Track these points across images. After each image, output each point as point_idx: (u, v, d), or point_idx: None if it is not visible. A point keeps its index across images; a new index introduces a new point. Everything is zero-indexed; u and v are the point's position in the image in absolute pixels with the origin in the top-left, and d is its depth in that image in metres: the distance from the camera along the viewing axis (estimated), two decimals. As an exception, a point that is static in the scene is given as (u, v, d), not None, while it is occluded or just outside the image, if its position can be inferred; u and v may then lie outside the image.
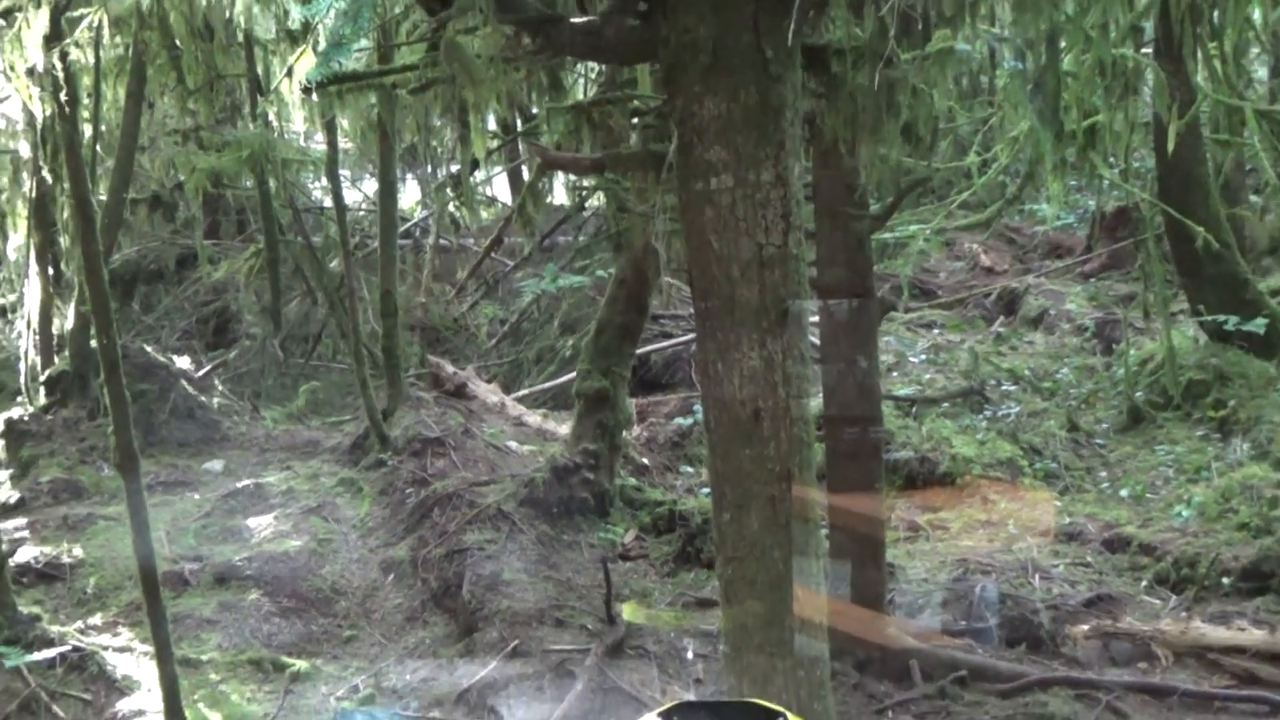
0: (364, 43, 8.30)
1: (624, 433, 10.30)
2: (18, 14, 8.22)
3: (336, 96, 8.02)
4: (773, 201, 5.90)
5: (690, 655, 8.41)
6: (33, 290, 11.34)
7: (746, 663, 6.16)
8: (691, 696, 7.82)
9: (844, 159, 7.54)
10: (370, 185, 12.96)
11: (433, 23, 6.94)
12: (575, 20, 6.67)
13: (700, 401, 7.34)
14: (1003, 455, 10.35)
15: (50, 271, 11.25)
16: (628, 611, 8.81)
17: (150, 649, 8.07)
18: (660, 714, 2.07)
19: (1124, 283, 13.23)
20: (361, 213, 13.85)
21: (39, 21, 8.02)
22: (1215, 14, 7.21)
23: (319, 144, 12.07)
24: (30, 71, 8.16)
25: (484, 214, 13.92)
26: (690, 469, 10.71)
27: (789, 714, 2.08)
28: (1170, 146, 8.67)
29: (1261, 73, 10.26)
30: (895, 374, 11.87)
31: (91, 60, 9.62)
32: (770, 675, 6.08)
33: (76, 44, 8.60)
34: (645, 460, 10.63)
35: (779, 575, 6.06)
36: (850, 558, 8.21)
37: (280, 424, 12.10)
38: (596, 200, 12.11)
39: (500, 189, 14.58)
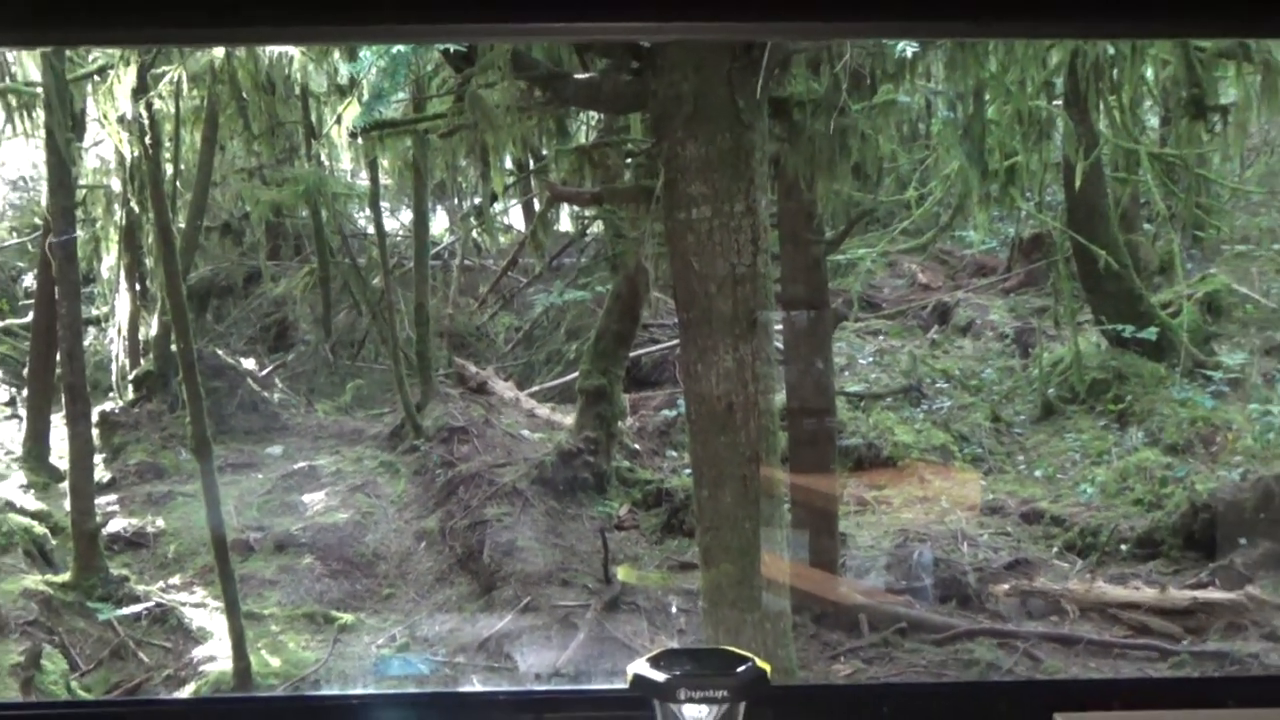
0: (400, 95, 8.29)
1: (619, 423, 10.29)
2: (110, 71, 8.21)
3: (378, 140, 8.02)
4: (744, 229, 5.90)
5: (674, 610, 8.41)
6: (122, 303, 11.32)
7: (721, 616, 6.16)
8: (675, 645, 7.81)
9: (804, 193, 7.54)
10: (406, 215, 12.91)
11: (459, 78, 6.94)
12: (578, 76, 6.68)
13: (683, 396, 7.34)
14: (936, 442, 10.35)
15: (137, 287, 11.24)
16: (622, 573, 8.80)
17: (221, 605, 8.07)
18: (649, 659, 2.05)
19: (1038, 297, 13.20)
20: (399, 238, 13.79)
21: (128, 77, 8.02)
22: (1115, 72, 7.22)
23: (363, 180, 12.03)
24: (121, 119, 8.15)
25: (502, 239, 13.87)
26: (674, 453, 10.69)
27: (757, 659, 2.06)
28: (1077, 183, 8.68)
29: (1154, 121, 10.27)
30: (847, 373, 11.85)
31: (172, 110, 9.61)
32: (741, 627, 6.07)
33: (160, 96, 8.59)
34: (637, 446, 10.61)
35: (749, 543, 6.06)
36: (808, 528, 8.21)
37: (330, 415, 12.08)
38: (596, 227, 12.09)
39: (515, 218, 14.53)
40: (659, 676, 1.97)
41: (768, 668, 2.00)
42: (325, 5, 1.95)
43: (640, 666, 2.00)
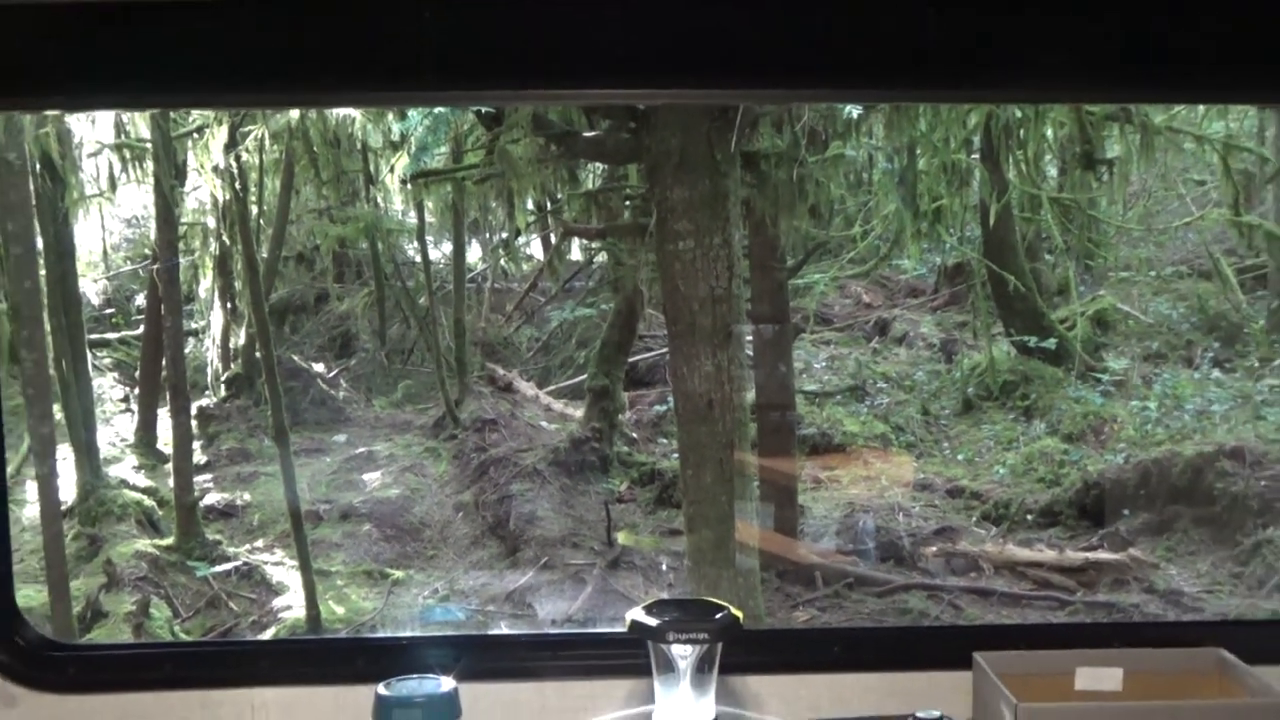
0: (442, 149, 8.28)
1: (619, 415, 10.27)
2: (206, 129, 8.20)
3: (423, 186, 8.03)
4: (721, 258, 5.90)
5: (664, 568, 8.39)
6: (216, 318, 11.31)
7: (703, 573, 6.16)
8: (666, 596, 7.80)
9: (769, 229, 7.53)
10: (447, 247, 12.84)
11: (489, 135, 6.94)
12: (586, 134, 6.68)
13: (672, 394, 7.33)
14: (877, 431, 10.33)
15: (228, 305, 11.21)
16: (622, 538, 8.79)
17: (296, 563, 8.06)
18: (644, 608, 2.05)
19: (960, 314, 13.17)
20: (441, 265, 13.74)
21: (221, 134, 8.02)
22: (1021, 131, 7.22)
23: (411, 218, 12.01)
24: (215, 169, 8.14)
25: (524, 266, 13.85)
26: (665, 440, 10.65)
27: (731, 608, 2.06)
28: (992, 221, 8.68)
29: (1053, 171, 10.27)
30: (804, 375, 11.82)
31: (256, 161, 9.59)
32: (718, 581, 6.07)
33: (246, 150, 8.59)
34: (634, 434, 10.58)
35: (725, 513, 6.05)
36: (773, 501, 8.20)
37: (385, 409, 12.05)
38: (601, 257, 12.06)
39: (535, 249, 14.51)
40: (652, 621, 1.97)
41: (740, 615, 2.00)
42: (380, 74, 1.96)
43: (637, 614, 2.00)
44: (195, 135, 8.71)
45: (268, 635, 7.71)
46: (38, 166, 8.18)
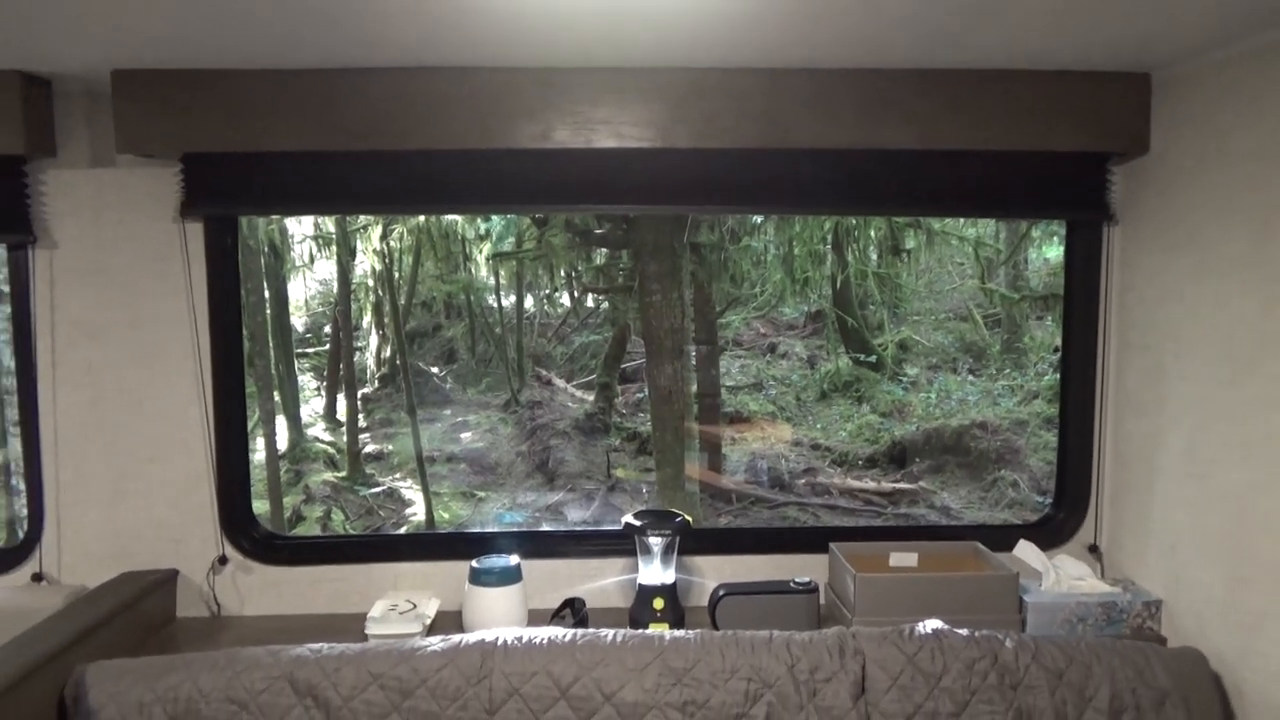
0: (510, 238, 8.27)
1: (615, 400, 10.25)
2: (368, 226, 8.16)
3: (499, 261, 7.99)
4: (677, 306, 5.91)
5: (644, 491, 8.38)
6: (373, 340, 11.25)
7: (666, 494, 6.15)
8: (644, 508, 7.78)
9: (706, 289, 7.55)
10: (513, 298, 12.83)
11: (539, 231, 6.93)
12: (597, 230, 6.67)
13: (647, 387, 7.32)
14: (769, 410, 10.33)
15: (380, 332, 11.15)
16: (618, 473, 8.76)
17: (419, 488, 8.00)
18: (633, 515, 2.04)
19: (819, 341, 13.19)
20: (508, 309, 13.72)
21: (377, 229, 7.97)
22: (856, 231, 7.26)
23: (492, 281, 11.98)
24: (373, 250, 8.10)
25: (559, 309, 13.82)
26: (643, 415, 10.62)
27: (685, 515, 2.05)
28: (838, 285, 8.70)
29: (874, 255, 10.34)
30: (726, 376, 11.80)
31: (397, 245, 9.56)
32: (675, 499, 6.06)
33: (392, 238, 8.54)
34: (624, 411, 10.56)
35: (679, 458, 6.05)
36: (706, 451, 8.20)
37: (474, 395, 11.98)
38: (605, 304, 12.06)
39: (565, 300, 14.48)
40: (637, 523, 1.97)
41: (689, 519, 2.00)
42: (473, 194, 1.98)
43: (628, 518, 1.99)
44: (362, 229, 8.67)
45: (403, 530, 7.67)
46: (266, 247, 8.13)
